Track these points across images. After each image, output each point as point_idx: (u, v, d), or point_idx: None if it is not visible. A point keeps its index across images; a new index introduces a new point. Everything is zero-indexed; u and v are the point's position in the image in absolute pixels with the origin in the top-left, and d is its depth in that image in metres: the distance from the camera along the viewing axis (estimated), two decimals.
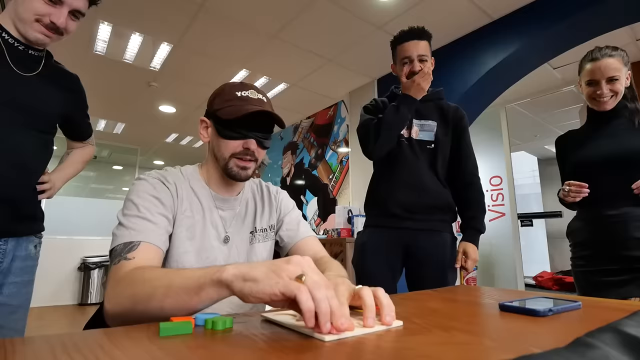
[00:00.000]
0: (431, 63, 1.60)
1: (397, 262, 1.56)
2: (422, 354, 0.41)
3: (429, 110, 1.62)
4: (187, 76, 4.08)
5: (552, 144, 5.91)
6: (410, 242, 1.53)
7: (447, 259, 1.52)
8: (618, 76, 1.43)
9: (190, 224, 0.91)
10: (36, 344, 0.44)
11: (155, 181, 0.89)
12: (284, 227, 1.08)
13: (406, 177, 1.55)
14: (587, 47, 1.62)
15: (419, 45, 1.55)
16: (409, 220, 1.53)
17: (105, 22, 3.08)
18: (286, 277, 0.50)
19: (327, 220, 4.60)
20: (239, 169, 0.94)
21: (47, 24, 1.13)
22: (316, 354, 0.41)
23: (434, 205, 1.55)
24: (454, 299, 0.82)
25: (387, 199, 1.56)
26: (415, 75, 1.53)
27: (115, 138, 6.35)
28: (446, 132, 1.61)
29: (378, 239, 1.57)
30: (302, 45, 3.44)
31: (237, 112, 0.89)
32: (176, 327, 0.50)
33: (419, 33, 1.56)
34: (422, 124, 1.59)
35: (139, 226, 0.77)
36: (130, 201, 0.83)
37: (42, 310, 4.86)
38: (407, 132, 1.59)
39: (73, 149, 1.50)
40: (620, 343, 0.34)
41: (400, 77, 1.60)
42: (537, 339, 0.48)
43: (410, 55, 1.54)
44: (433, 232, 1.53)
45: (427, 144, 1.58)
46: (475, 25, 3.15)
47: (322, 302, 0.47)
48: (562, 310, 0.63)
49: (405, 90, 1.55)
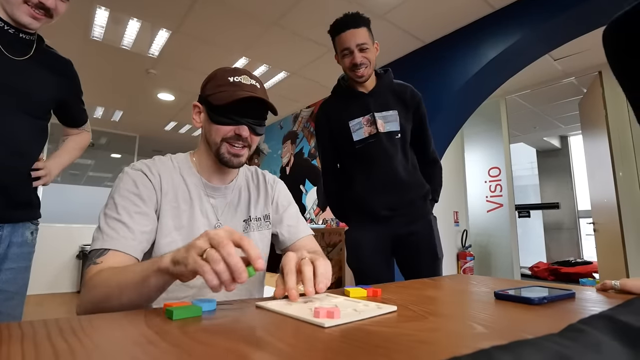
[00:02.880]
0: (375, 48, 1.56)
1: (389, 252, 1.59)
2: (417, 340, 0.42)
3: (387, 99, 1.59)
4: (186, 63, 4.04)
5: (551, 136, 5.87)
6: (399, 232, 1.55)
7: (434, 238, 1.57)
8: None
9: (176, 214, 0.91)
10: (32, 328, 0.44)
11: (137, 174, 0.89)
12: (285, 223, 1.08)
13: (384, 177, 1.55)
14: (588, 39, 1.61)
15: (357, 33, 1.48)
16: (395, 217, 1.56)
17: (102, 7, 3.04)
18: (193, 256, 0.56)
19: (326, 209, 4.61)
20: (231, 156, 0.93)
21: (36, 3, 1.11)
22: (315, 338, 0.42)
23: (414, 198, 1.58)
24: (451, 287, 0.83)
25: (369, 202, 1.56)
26: (357, 67, 1.50)
27: (114, 125, 6.31)
28: (407, 117, 1.61)
29: (367, 234, 1.58)
30: (303, 34, 3.41)
31: (228, 98, 0.88)
32: (187, 310, 0.52)
33: (354, 21, 1.49)
34: (385, 115, 1.57)
35: (113, 231, 0.79)
36: (112, 199, 0.85)
37: (41, 298, 4.89)
38: (372, 129, 1.56)
39: (69, 136, 1.49)
40: (611, 329, 0.34)
41: (344, 69, 1.58)
42: (531, 326, 0.49)
43: (349, 46, 1.48)
44: (418, 219, 1.58)
45: (395, 134, 1.57)
46: (476, 15, 3.12)
47: (223, 274, 0.54)
48: (556, 299, 0.63)
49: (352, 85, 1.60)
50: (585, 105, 4.30)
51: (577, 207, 6.79)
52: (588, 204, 4.47)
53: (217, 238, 0.56)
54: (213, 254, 0.54)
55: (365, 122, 1.57)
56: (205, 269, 0.54)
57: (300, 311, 0.53)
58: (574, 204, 6.82)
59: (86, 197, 6.05)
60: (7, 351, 0.35)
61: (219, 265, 0.54)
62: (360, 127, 1.57)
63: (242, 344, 0.40)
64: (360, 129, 1.57)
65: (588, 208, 4.75)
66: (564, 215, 6.93)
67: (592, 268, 5.40)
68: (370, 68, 1.54)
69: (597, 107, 3.92)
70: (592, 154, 4.20)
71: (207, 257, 0.54)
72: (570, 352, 0.29)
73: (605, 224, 3.88)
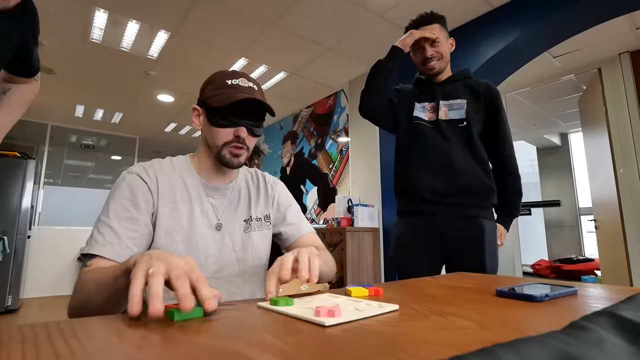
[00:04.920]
0: (450, 44, 1.62)
1: (436, 248, 1.49)
2: (419, 339, 0.41)
3: (457, 90, 1.59)
4: (185, 65, 4.04)
5: (551, 133, 5.89)
6: (444, 228, 1.46)
7: (483, 247, 1.42)
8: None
9: (175, 215, 0.92)
10: (33, 331, 0.44)
11: (133, 178, 0.90)
12: (287, 222, 1.09)
13: (434, 161, 1.51)
14: (587, 36, 1.61)
15: (429, 29, 1.55)
16: (440, 205, 1.47)
17: (101, 9, 3.05)
18: (141, 270, 0.52)
19: (327, 209, 4.61)
20: (232, 156, 0.95)
21: None
22: (316, 337, 0.42)
23: (466, 188, 1.46)
24: (452, 285, 0.83)
25: (415, 183, 1.52)
26: (428, 61, 1.55)
27: (114, 127, 6.32)
28: (478, 108, 1.55)
29: (412, 229, 1.53)
30: (301, 34, 3.41)
31: (226, 100, 0.90)
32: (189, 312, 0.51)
33: (427, 18, 1.57)
34: (451, 104, 1.55)
35: (101, 236, 0.82)
36: (106, 204, 0.87)
37: (43, 300, 4.89)
38: (432, 115, 1.56)
39: (12, 86, 1.14)
40: (614, 326, 0.34)
41: (417, 66, 1.62)
42: (534, 323, 0.48)
43: (420, 41, 1.55)
44: (466, 218, 1.46)
45: (458, 122, 1.52)
46: (475, 13, 3.12)
47: (154, 289, 0.49)
48: (558, 296, 0.63)
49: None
50: (585, 102, 4.29)
51: (578, 205, 6.78)
52: (589, 201, 4.46)
53: (176, 269, 0.52)
54: (154, 278, 0.51)
55: (429, 107, 1.58)
56: (134, 285, 0.50)
57: (301, 310, 0.53)
58: (575, 201, 6.81)
59: (86, 199, 6.04)
60: (8, 354, 0.35)
61: (153, 279, 0.50)
62: (423, 111, 1.59)
63: (244, 343, 0.40)
64: (422, 112, 1.59)
65: (589, 205, 4.74)
66: (565, 213, 6.92)
67: (593, 265, 5.39)
68: (442, 62, 1.58)
69: (597, 104, 3.91)
70: (593, 151, 4.20)
71: (150, 275, 0.51)
72: (573, 349, 0.29)
73: (606, 220, 3.88)
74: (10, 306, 4.07)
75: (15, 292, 4.17)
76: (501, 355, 0.27)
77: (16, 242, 4.19)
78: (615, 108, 3.79)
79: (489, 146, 1.57)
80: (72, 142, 6.43)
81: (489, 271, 1.41)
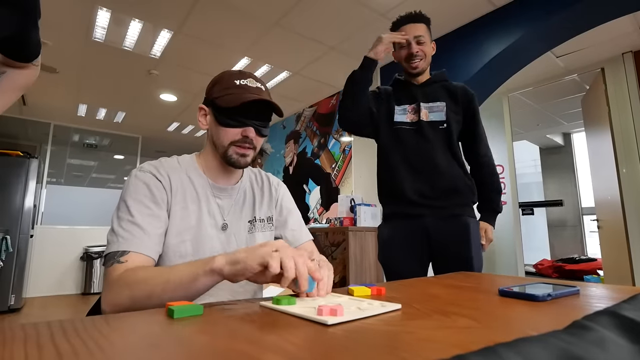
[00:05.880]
0: (432, 47, 1.61)
1: (423, 250, 1.52)
2: (421, 338, 0.42)
3: (436, 92, 1.61)
4: (188, 64, 4.05)
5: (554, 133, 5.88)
6: (430, 229, 1.49)
7: (469, 244, 1.46)
8: None
9: (185, 214, 0.91)
10: (36, 330, 0.44)
11: (148, 177, 0.89)
12: (289, 228, 1.09)
13: (416, 163, 1.53)
14: (591, 35, 1.61)
15: (416, 27, 1.56)
16: (426, 207, 1.50)
17: (104, 8, 3.05)
18: (268, 250, 0.63)
19: (330, 209, 4.61)
20: (239, 156, 0.95)
21: None
22: (318, 336, 0.42)
23: (451, 189, 1.51)
24: (455, 285, 0.83)
25: (400, 186, 1.53)
26: (412, 58, 1.54)
27: (116, 127, 6.33)
28: (457, 111, 1.59)
29: (399, 232, 1.54)
30: (304, 33, 3.41)
31: (235, 101, 0.90)
32: (188, 309, 0.52)
33: (415, 16, 1.58)
34: (431, 106, 1.58)
35: (130, 234, 0.80)
36: (124, 202, 0.85)
37: (46, 300, 4.91)
38: (414, 117, 1.57)
39: (8, 70, 1.05)
40: (616, 325, 0.34)
41: (400, 62, 1.61)
42: (536, 323, 0.48)
43: (408, 37, 1.55)
44: (452, 217, 1.50)
45: (439, 124, 1.56)
46: (478, 13, 3.11)
47: (290, 270, 0.61)
48: (560, 295, 0.63)
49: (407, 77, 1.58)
50: (588, 102, 4.27)
51: (581, 204, 6.76)
52: (592, 201, 4.45)
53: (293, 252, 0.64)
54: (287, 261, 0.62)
55: (410, 109, 1.59)
56: (273, 258, 0.61)
57: (303, 309, 0.53)
58: (577, 201, 6.79)
59: (89, 198, 6.05)
60: (11, 353, 0.35)
61: (290, 262, 0.61)
62: (404, 113, 1.59)
63: (245, 342, 0.40)
64: (403, 114, 1.59)
65: (592, 205, 4.72)
66: (568, 213, 6.89)
67: (596, 265, 5.37)
68: (425, 62, 1.58)
69: (600, 104, 3.90)
70: (596, 150, 4.18)
71: (281, 254, 0.62)
72: (575, 349, 0.29)
73: (609, 220, 3.86)
74: (13, 305, 4.09)
75: (18, 291, 4.19)
76: (504, 355, 0.27)
77: (19, 241, 4.21)
78: (618, 108, 3.78)
79: (466, 147, 1.64)
80: (75, 142, 6.45)
81: (476, 268, 1.45)
